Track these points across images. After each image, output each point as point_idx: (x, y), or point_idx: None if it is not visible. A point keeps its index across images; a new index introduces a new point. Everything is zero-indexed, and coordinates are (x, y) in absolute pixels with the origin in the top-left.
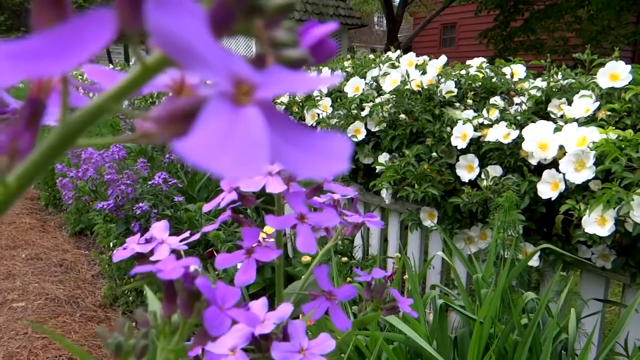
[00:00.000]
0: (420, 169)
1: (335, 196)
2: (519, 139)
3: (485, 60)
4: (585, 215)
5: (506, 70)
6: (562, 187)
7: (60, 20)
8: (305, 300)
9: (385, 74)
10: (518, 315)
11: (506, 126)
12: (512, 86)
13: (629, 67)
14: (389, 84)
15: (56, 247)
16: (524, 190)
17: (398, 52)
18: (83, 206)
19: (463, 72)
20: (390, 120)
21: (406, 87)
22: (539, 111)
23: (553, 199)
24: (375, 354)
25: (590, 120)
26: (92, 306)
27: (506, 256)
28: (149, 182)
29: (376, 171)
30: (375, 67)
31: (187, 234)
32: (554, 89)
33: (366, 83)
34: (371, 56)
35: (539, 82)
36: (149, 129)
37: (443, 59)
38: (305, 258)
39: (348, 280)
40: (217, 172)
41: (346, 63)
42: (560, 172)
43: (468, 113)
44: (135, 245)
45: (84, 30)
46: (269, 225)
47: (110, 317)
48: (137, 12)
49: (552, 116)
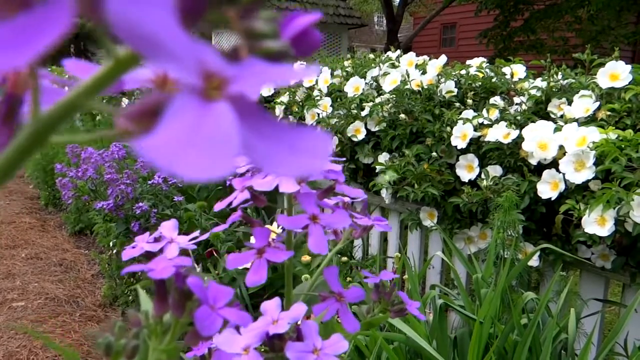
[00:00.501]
0: (420, 169)
1: (345, 198)
2: (519, 139)
3: (485, 60)
4: (585, 215)
5: (506, 70)
6: (562, 187)
7: (19, 9)
8: (313, 301)
9: (385, 74)
10: (518, 315)
11: (506, 126)
12: (512, 86)
13: (629, 67)
14: (389, 84)
15: (56, 247)
16: (524, 190)
17: (398, 52)
18: (83, 206)
19: (463, 72)
20: (390, 120)
21: (406, 87)
22: (539, 111)
23: (553, 199)
24: (374, 354)
25: (590, 120)
26: (92, 306)
27: (506, 256)
28: (149, 182)
29: (376, 171)
30: (375, 67)
31: (197, 233)
32: (554, 89)
33: (366, 83)
34: (371, 56)
35: (539, 82)
36: (127, 126)
37: (443, 59)
38: (305, 258)
39: (348, 279)
40: (176, 173)
41: (346, 63)
42: (560, 172)
43: (468, 113)
44: (144, 244)
45: (40, 20)
46: (282, 225)
47: (110, 317)
48: (98, 0)
49: (552, 116)
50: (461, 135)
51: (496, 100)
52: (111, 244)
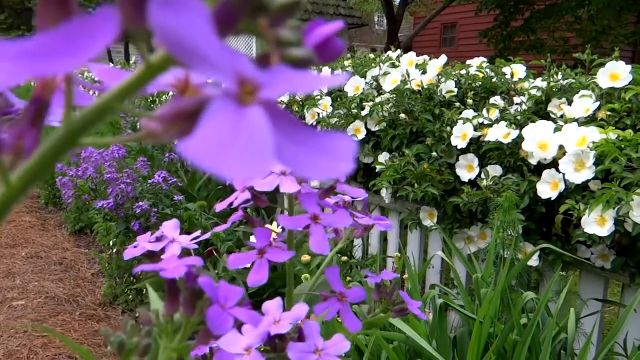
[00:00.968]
0: (420, 169)
1: (345, 197)
2: (519, 139)
3: (485, 59)
4: (584, 215)
5: (506, 70)
6: (562, 187)
7: (64, 19)
8: (314, 300)
9: (385, 74)
10: (517, 314)
11: (506, 126)
12: (512, 86)
13: (629, 67)
14: (389, 84)
15: (56, 246)
16: (524, 190)
17: (398, 52)
18: (83, 205)
19: (463, 72)
20: (390, 119)
21: (406, 87)
22: (539, 111)
23: (553, 199)
24: (370, 350)
25: (590, 120)
26: (92, 305)
27: (506, 256)
28: (149, 181)
29: (376, 170)
30: (375, 67)
31: (199, 233)
32: (554, 89)
33: (366, 82)
34: (371, 55)
35: (539, 82)
36: (154, 128)
37: (443, 59)
38: (304, 257)
39: (348, 279)
40: (219, 174)
41: (346, 62)
42: (559, 172)
43: (468, 112)
44: (146, 243)
45: (89, 29)
46: (283, 225)
47: (110, 316)
48: (141, 11)
49: (552, 116)
50: (461, 135)
51: (496, 100)
52: (111, 243)
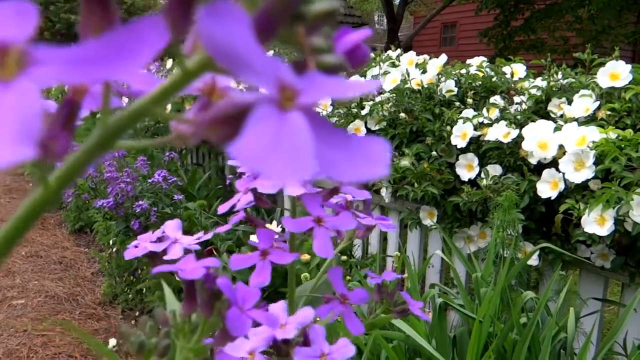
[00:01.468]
0: (420, 168)
1: (347, 197)
2: (519, 138)
3: (485, 59)
4: (584, 214)
5: (506, 69)
6: (562, 187)
7: (108, 28)
8: (316, 302)
9: (385, 73)
10: (517, 314)
11: (506, 125)
12: (512, 85)
13: (629, 67)
14: (389, 83)
15: (56, 245)
16: (524, 189)
17: (398, 51)
18: (83, 204)
19: (463, 71)
20: (390, 119)
21: (406, 86)
22: (539, 110)
23: (553, 199)
24: (368, 350)
25: (590, 119)
26: (92, 304)
27: (505, 255)
28: (149, 180)
29: None
30: (375, 66)
31: (202, 234)
32: (554, 89)
33: None
34: (371, 55)
35: (539, 82)
36: (185, 131)
37: (443, 58)
38: (304, 256)
39: (348, 278)
40: (267, 174)
41: None
42: (559, 172)
43: (468, 112)
44: (148, 244)
45: (137, 37)
46: (287, 228)
47: (109, 315)
48: (187, 21)
49: (552, 115)
50: (461, 134)
51: (496, 99)
52: (111, 242)
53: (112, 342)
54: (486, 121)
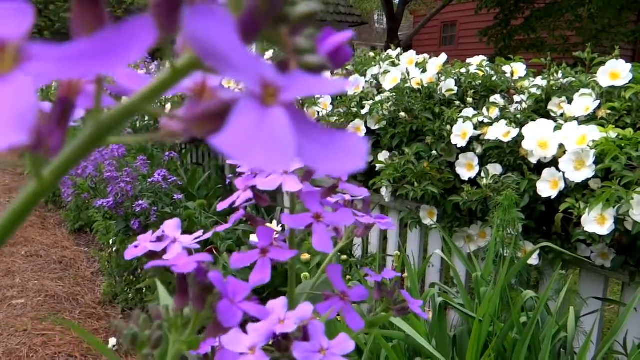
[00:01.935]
0: (420, 167)
1: (346, 196)
2: (519, 138)
3: (485, 58)
4: (584, 213)
5: (506, 68)
6: (562, 186)
7: (99, 27)
8: (316, 299)
9: (385, 72)
10: (517, 313)
11: (506, 124)
12: (512, 84)
13: (629, 66)
14: (389, 82)
15: (56, 245)
16: (524, 188)
17: (398, 50)
18: (82, 203)
19: (463, 71)
20: (390, 118)
21: (406, 85)
22: (539, 110)
23: (553, 198)
24: (368, 350)
25: (590, 118)
26: (92, 303)
27: (505, 254)
28: (149, 180)
29: (376, 169)
30: (375, 65)
31: (201, 233)
32: (554, 88)
33: (366, 81)
34: (371, 54)
35: (539, 81)
36: (174, 128)
37: (443, 57)
38: (304, 256)
39: (348, 278)
40: (248, 162)
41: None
42: (560, 171)
43: (468, 111)
44: (147, 243)
45: (127, 36)
46: (286, 224)
47: (109, 315)
48: (174, 20)
49: (552, 115)
50: (461, 133)
51: (496, 98)
52: (111, 242)
53: (112, 342)
54: (486, 120)
